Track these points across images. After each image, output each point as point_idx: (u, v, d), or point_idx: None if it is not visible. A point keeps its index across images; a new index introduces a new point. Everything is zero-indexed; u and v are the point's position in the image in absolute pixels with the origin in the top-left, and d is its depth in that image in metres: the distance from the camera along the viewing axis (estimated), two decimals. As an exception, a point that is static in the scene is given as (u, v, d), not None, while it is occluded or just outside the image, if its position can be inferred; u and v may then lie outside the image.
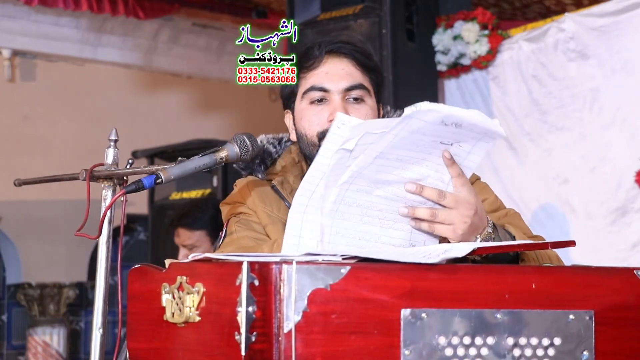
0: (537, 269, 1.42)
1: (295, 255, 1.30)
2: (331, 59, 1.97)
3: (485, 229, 1.62)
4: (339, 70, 1.95)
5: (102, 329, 1.85)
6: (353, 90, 1.93)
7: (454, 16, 4.69)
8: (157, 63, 6.74)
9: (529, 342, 1.33)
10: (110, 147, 1.94)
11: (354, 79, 1.94)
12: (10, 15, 6.03)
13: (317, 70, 1.96)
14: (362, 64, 1.97)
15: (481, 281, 1.35)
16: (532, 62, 4.47)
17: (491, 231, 1.63)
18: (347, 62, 1.96)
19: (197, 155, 1.84)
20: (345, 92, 1.93)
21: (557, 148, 4.36)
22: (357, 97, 1.94)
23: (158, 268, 1.53)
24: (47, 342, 6.31)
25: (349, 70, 1.95)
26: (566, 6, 5.14)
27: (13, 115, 6.27)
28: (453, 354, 1.30)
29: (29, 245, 6.32)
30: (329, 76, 1.95)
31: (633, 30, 4.10)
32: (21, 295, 6.44)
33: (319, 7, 4.67)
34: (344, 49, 1.97)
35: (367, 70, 1.97)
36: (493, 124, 1.50)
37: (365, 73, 1.97)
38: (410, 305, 1.29)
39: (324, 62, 1.96)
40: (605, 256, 3.99)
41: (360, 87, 1.94)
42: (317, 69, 1.96)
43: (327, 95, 1.94)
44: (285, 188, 1.98)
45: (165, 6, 5.97)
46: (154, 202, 5.25)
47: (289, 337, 1.24)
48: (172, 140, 5.74)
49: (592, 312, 1.37)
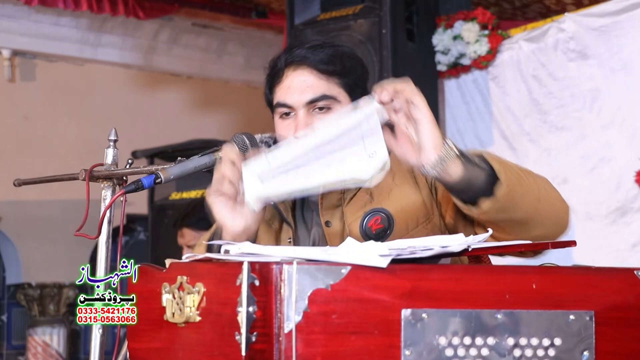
0: (537, 269, 1.42)
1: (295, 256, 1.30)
2: (292, 71, 1.92)
3: (447, 144, 1.59)
4: (300, 83, 1.90)
5: (102, 329, 1.85)
6: (316, 102, 1.89)
7: (454, 16, 4.69)
8: (157, 63, 6.74)
9: (529, 342, 1.33)
10: (110, 147, 1.94)
11: (316, 91, 1.89)
12: (10, 15, 6.03)
13: (281, 85, 1.93)
14: (325, 70, 1.90)
15: (481, 281, 1.35)
16: (532, 62, 4.47)
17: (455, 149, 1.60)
18: (308, 73, 1.91)
19: (196, 155, 1.84)
20: (309, 105, 1.89)
21: (557, 148, 4.37)
22: (322, 107, 1.89)
23: (158, 268, 1.53)
24: (47, 342, 6.31)
25: (310, 81, 1.90)
26: (566, 6, 5.14)
27: (13, 115, 6.27)
28: (453, 354, 1.30)
29: (29, 245, 6.32)
30: (290, 91, 1.91)
31: (633, 30, 4.10)
32: (21, 295, 6.43)
33: (319, 7, 4.68)
34: (303, 59, 1.92)
35: (332, 76, 1.91)
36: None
37: (331, 79, 1.91)
38: (410, 305, 1.29)
39: (287, 75, 1.92)
40: (605, 256, 3.99)
41: (324, 98, 1.89)
42: (282, 83, 1.93)
43: (292, 110, 1.91)
44: None
45: (165, 6, 5.97)
46: (154, 202, 5.25)
47: (289, 337, 1.24)
48: (172, 140, 5.74)
49: (593, 312, 1.36)
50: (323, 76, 1.91)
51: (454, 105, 4.83)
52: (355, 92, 1.94)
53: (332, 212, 1.91)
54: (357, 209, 1.90)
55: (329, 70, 1.91)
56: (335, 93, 1.91)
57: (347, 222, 1.89)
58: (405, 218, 1.87)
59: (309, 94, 1.90)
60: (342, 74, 1.93)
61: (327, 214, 1.91)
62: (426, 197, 1.90)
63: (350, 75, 1.94)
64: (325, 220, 1.91)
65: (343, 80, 1.93)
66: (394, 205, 1.88)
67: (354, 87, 1.94)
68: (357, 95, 1.93)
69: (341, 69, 1.93)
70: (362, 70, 2.00)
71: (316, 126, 1.71)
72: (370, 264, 1.28)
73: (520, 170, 1.73)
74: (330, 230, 1.89)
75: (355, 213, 1.90)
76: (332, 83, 1.91)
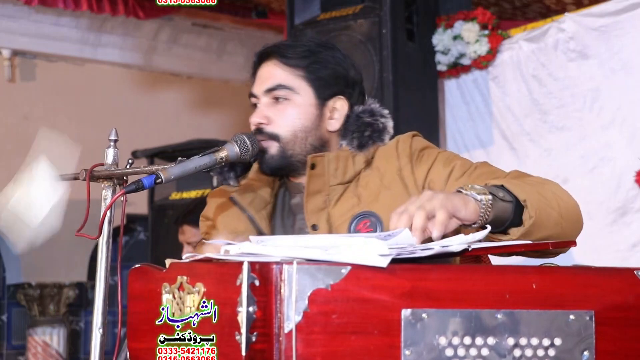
0: (537, 269, 1.42)
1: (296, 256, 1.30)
2: (263, 63, 1.98)
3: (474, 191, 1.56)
4: (265, 74, 1.96)
5: (102, 329, 1.84)
6: (273, 91, 1.93)
7: (454, 16, 4.69)
8: (157, 63, 6.74)
9: (529, 342, 1.33)
10: (110, 147, 1.94)
11: (274, 80, 1.94)
12: (10, 15, 6.03)
13: (255, 77, 1.99)
14: (290, 63, 1.94)
15: (481, 281, 1.34)
16: (532, 62, 4.47)
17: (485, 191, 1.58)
18: (273, 64, 1.96)
19: (197, 155, 1.84)
20: (268, 94, 1.94)
21: (557, 148, 4.37)
22: (280, 97, 1.93)
23: (158, 268, 1.53)
24: (47, 342, 6.31)
25: (272, 72, 1.95)
26: (566, 6, 5.14)
27: (13, 115, 6.27)
28: (454, 354, 1.30)
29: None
30: (257, 81, 1.98)
31: (633, 30, 4.10)
32: (21, 295, 6.43)
33: (319, 7, 4.67)
34: (272, 51, 1.97)
35: (296, 68, 1.94)
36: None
37: (293, 71, 1.94)
38: (410, 305, 1.29)
39: (259, 68, 1.99)
40: (605, 256, 3.99)
41: (280, 87, 1.93)
42: (255, 75, 1.99)
43: (257, 99, 1.96)
44: (245, 198, 1.97)
45: (165, 6, 5.96)
46: (154, 202, 5.25)
47: (289, 337, 1.24)
48: (172, 140, 5.74)
49: (593, 312, 1.36)
50: (287, 68, 1.94)
51: (454, 105, 4.83)
52: (324, 89, 1.95)
53: (318, 215, 1.90)
54: (345, 211, 1.89)
55: (294, 63, 1.94)
56: (294, 85, 1.94)
57: (334, 224, 1.88)
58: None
59: (268, 83, 1.94)
60: (309, 68, 1.94)
61: (313, 217, 1.90)
62: None
63: (320, 71, 1.95)
64: (312, 224, 1.90)
65: (309, 75, 1.95)
66: (382, 208, 1.87)
67: (323, 86, 1.95)
68: (325, 93, 1.94)
69: (308, 64, 1.95)
70: (340, 71, 1.99)
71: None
72: (370, 264, 1.28)
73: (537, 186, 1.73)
74: (316, 234, 1.88)
75: (343, 216, 1.89)
76: (294, 75, 1.94)
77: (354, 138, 1.95)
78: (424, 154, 1.93)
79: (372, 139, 1.95)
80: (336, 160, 1.93)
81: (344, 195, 1.91)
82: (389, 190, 1.90)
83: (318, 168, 1.92)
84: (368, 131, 1.95)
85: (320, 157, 1.92)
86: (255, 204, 1.95)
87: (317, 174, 1.91)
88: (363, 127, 1.95)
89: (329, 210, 1.90)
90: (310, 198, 1.91)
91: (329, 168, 1.92)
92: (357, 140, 1.94)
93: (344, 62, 2.00)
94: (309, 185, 1.91)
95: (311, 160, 1.92)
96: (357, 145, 1.94)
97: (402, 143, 1.94)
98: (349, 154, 1.94)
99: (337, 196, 1.91)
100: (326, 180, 1.92)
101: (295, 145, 1.94)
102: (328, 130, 1.97)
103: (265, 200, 1.97)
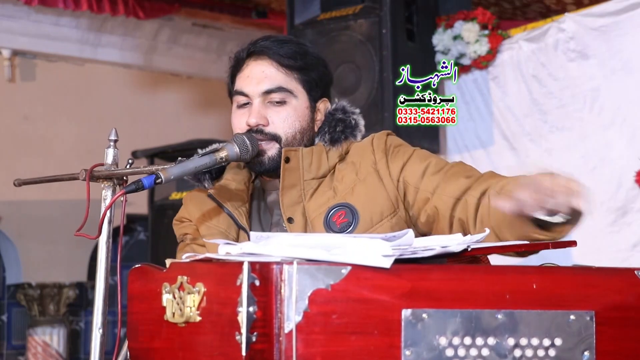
0: (537, 269, 1.42)
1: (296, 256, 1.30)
2: (253, 60, 1.97)
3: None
4: (258, 73, 1.95)
5: (102, 329, 1.85)
6: (272, 93, 1.93)
7: (454, 16, 4.69)
8: (157, 63, 6.73)
9: (529, 342, 1.33)
10: (110, 147, 1.94)
11: (273, 82, 1.93)
12: (10, 15, 6.03)
13: (242, 74, 1.97)
14: (285, 64, 1.94)
15: (482, 281, 1.34)
16: (532, 62, 4.46)
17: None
18: (268, 64, 1.95)
19: (197, 155, 1.84)
20: (265, 95, 1.93)
21: (558, 148, 4.36)
22: (278, 100, 1.93)
23: (158, 268, 1.53)
24: (47, 342, 6.30)
25: (269, 72, 1.94)
26: (566, 6, 5.14)
27: (13, 115, 6.26)
28: (454, 355, 1.30)
29: (29, 245, 6.32)
30: (249, 80, 1.95)
31: (633, 30, 4.10)
32: (21, 295, 6.43)
33: (319, 7, 4.67)
34: (265, 49, 1.96)
35: (291, 70, 1.95)
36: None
37: (289, 73, 1.95)
38: (411, 305, 1.29)
39: (247, 65, 1.97)
40: (606, 256, 3.99)
41: (280, 90, 1.93)
42: (242, 72, 1.98)
43: (249, 99, 1.95)
44: (223, 196, 1.96)
45: (165, 6, 5.96)
46: (154, 202, 5.25)
47: (289, 337, 1.24)
48: (172, 140, 5.73)
49: (593, 312, 1.36)
50: (283, 69, 1.94)
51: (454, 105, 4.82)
52: (315, 91, 1.98)
53: (293, 209, 1.92)
54: (320, 204, 1.91)
55: (289, 65, 1.94)
56: (292, 87, 1.95)
57: (310, 217, 1.90)
58: (370, 212, 1.88)
59: (266, 84, 1.93)
60: (302, 70, 1.96)
61: (289, 210, 1.92)
62: (391, 191, 1.91)
63: (310, 74, 1.97)
64: (288, 217, 1.91)
65: (303, 77, 1.96)
66: (358, 200, 1.89)
67: (314, 86, 1.98)
68: (315, 95, 1.96)
69: (302, 65, 1.96)
70: (324, 72, 2.02)
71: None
72: (374, 264, 1.28)
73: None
74: (293, 226, 1.90)
75: (319, 209, 1.90)
76: (290, 77, 1.95)
77: (326, 133, 1.98)
78: (399, 150, 1.96)
79: (345, 134, 1.99)
80: (310, 155, 1.94)
81: (319, 190, 1.93)
82: (364, 183, 1.92)
83: (292, 162, 1.93)
84: (340, 127, 1.98)
85: (294, 151, 1.94)
86: (234, 201, 1.96)
87: (292, 167, 1.93)
88: (334, 123, 1.98)
89: (305, 204, 1.92)
90: (285, 192, 1.92)
91: (303, 162, 1.93)
92: (329, 135, 1.98)
93: (324, 62, 2.04)
94: (284, 179, 1.92)
95: (285, 153, 1.93)
96: (330, 140, 1.97)
97: (377, 139, 1.97)
98: (323, 149, 1.97)
99: (311, 190, 1.93)
100: (300, 175, 1.93)
101: (293, 147, 1.95)
102: (315, 130, 2.01)
103: (242, 198, 1.98)
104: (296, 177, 1.93)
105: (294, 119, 1.94)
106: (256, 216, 2.00)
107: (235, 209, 1.95)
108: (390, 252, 1.31)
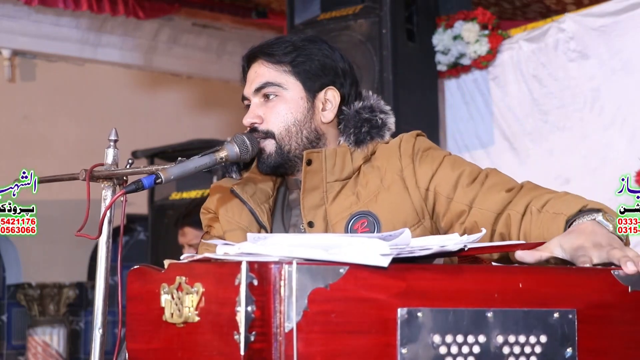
0: (524, 269, 1.44)
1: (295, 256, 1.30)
2: (250, 65, 2.01)
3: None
4: (252, 75, 1.99)
5: (102, 329, 1.85)
6: (262, 89, 1.95)
7: (454, 16, 4.69)
8: (157, 63, 6.74)
9: (517, 339, 1.35)
10: (110, 147, 1.94)
11: (261, 79, 1.96)
12: (10, 15, 6.03)
13: (244, 81, 2.03)
14: (274, 60, 1.96)
15: (473, 280, 1.36)
16: (532, 62, 4.47)
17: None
18: (259, 64, 1.98)
19: (197, 155, 1.84)
20: (258, 94, 1.96)
21: (559, 148, 4.37)
22: (270, 96, 1.95)
23: (157, 268, 1.53)
24: (47, 342, 6.31)
25: (259, 71, 1.97)
26: (566, 6, 5.14)
27: (13, 115, 6.27)
28: (447, 352, 1.31)
29: (29, 245, 6.32)
30: (247, 84, 2.00)
31: (633, 30, 4.10)
32: (21, 295, 6.43)
33: (319, 7, 4.68)
34: (256, 52, 1.99)
35: (281, 64, 1.95)
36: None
37: (279, 67, 1.95)
38: (406, 304, 1.30)
39: (248, 71, 2.02)
40: (606, 256, 3.98)
41: (268, 85, 1.94)
42: (245, 79, 2.03)
43: (249, 102, 1.99)
44: (246, 191, 1.95)
45: (165, 6, 5.97)
46: (154, 202, 5.25)
47: (289, 336, 1.24)
48: (172, 140, 5.74)
49: (575, 310, 1.39)
50: (272, 65, 1.96)
51: (454, 105, 4.83)
52: (311, 81, 1.96)
53: (314, 212, 1.89)
54: (343, 209, 1.88)
55: (279, 60, 1.95)
56: (281, 80, 1.95)
57: (331, 222, 1.87)
58: (392, 222, 1.83)
59: (256, 83, 1.96)
60: (294, 62, 1.96)
61: (310, 214, 1.89)
62: (416, 201, 1.86)
63: (304, 65, 1.96)
64: (308, 221, 1.88)
65: (294, 69, 1.96)
66: (381, 209, 1.85)
67: (311, 78, 1.96)
68: (313, 85, 1.95)
69: (294, 58, 1.96)
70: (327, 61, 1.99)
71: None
72: (372, 263, 1.28)
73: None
74: (313, 231, 1.87)
75: (341, 214, 1.87)
76: (280, 71, 1.95)
77: (351, 134, 1.94)
78: (427, 155, 1.90)
79: (370, 135, 1.94)
80: (333, 156, 1.91)
81: (342, 193, 1.90)
82: (389, 191, 1.87)
83: (315, 164, 1.90)
84: (366, 127, 1.94)
85: (316, 153, 1.91)
86: (257, 197, 1.94)
87: (314, 170, 1.90)
88: (361, 123, 1.94)
89: (326, 207, 1.89)
90: (306, 195, 1.90)
91: (326, 164, 1.91)
92: (354, 136, 1.93)
93: (331, 53, 2.00)
94: (305, 182, 1.90)
95: (307, 155, 1.91)
96: (355, 141, 1.93)
97: (405, 142, 1.92)
98: (347, 150, 1.93)
99: (334, 193, 1.90)
100: (323, 177, 1.90)
101: (290, 140, 1.92)
102: (323, 122, 1.96)
103: (266, 194, 1.96)
104: (319, 179, 1.90)
105: (286, 111, 1.93)
106: (279, 214, 1.97)
107: (258, 205, 1.93)
108: (388, 252, 1.31)
